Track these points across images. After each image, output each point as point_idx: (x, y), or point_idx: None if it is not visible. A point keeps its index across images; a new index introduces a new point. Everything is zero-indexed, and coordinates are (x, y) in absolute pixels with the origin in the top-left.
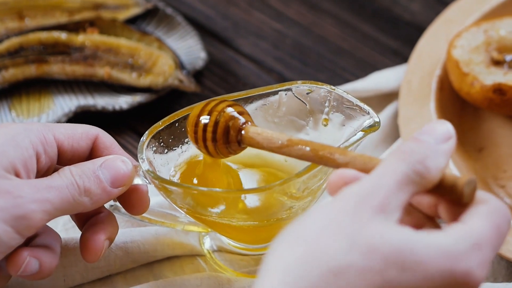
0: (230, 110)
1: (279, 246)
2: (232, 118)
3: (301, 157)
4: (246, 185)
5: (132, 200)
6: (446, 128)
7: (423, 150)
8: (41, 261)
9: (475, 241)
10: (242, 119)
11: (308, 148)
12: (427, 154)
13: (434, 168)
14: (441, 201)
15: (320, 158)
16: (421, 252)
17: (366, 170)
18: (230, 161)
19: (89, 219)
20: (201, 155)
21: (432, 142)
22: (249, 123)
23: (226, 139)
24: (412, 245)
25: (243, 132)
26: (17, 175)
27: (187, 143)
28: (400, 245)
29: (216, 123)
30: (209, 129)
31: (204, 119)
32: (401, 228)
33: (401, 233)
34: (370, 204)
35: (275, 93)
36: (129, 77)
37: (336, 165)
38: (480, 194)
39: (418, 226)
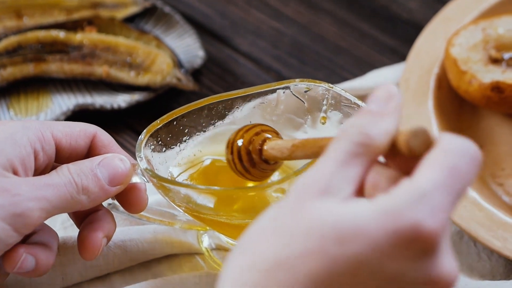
0: (247, 135)
1: (229, 257)
2: (250, 142)
3: (305, 156)
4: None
5: (130, 198)
6: (386, 89)
7: (362, 120)
8: (37, 258)
9: (420, 191)
10: (263, 137)
11: (310, 147)
12: (367, 122)
13: (379, 133)
14: (407, 161)
15: (318, 154)
16: (358, 219)
17: None
18: None
19: (87, 217)
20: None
21: (371, 108)
22: (270, 137)
23: (253, 163)
24: (350, 215)
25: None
26: (15, 173)
27: (185, 141)
28: (336, 219)
29: (238, 152)
30: (236, 160)
31: (230, 153)
32: (343, 203)
33: (340, 208)
34: (311, 192)
35: (273, 91)
36: (127, 76)
37: None
38: (438, 137)
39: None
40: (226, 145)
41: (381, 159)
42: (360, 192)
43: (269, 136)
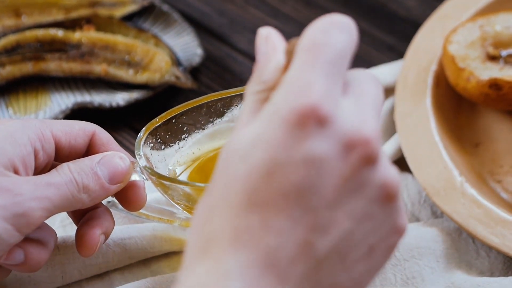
0: None
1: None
2: None
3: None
4: None
5: (128, 196)
6: (260, 35)
7: (255, 73)
8: (27, 252)
9: (287, 80)
10: None
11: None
12: (258, 72)
13: (269, 73)
14: None
15: None
16: (250, 133)
17: None
18: None
19: (85, 214)
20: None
21: (258, 59)
22: None
23: None
24: (244, 135)
25: None
26: (16, 172)
27: (184, 139)
28: (234, 146)
29: None
30: None
31: None
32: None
33: (238, 135)
34: (230, 147)
35: None
36: (126, 74)
37: None
38: None
39: None
40: None
41: None
42: None
43: None
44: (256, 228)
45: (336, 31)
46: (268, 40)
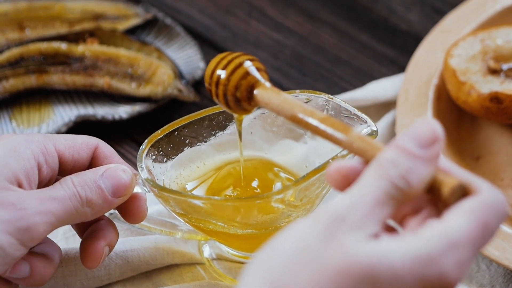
0: (234, 77)
1: (248, 281)
2: (237, 87)
3: (306, 128)
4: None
5: (130, 209)
6: (431, 129)
7: (404, 162)
8: (33, 266)
9: (451, 241)
10: (255, 77)
11: (313, 121)
12: (409, 167)
13: (417, 181)
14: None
15: (321, 132)
16: (392, 264)
17: (364, 156)
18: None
19: (89, 226)
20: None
21: (415, 150)
22: (262, 80)
23: (238, 105)
24: (383, 259)
25: (255, 92)
26: (20, 186)
27: (185, 152)
28: (370, 262)
29: (224, 96)
30: (220, 99)
31: (219, 73)
32: (372, 242)
33: (371, 249)
34: (344, 225)
35: None
36: (129, 87)
37: (336, 141)
38: (475, 183)
39: (417, 210)
40: (207, 74)
41: None
42: None
43: (261, 79)
44: None
45: (501, 220)
46: (435, 144)
